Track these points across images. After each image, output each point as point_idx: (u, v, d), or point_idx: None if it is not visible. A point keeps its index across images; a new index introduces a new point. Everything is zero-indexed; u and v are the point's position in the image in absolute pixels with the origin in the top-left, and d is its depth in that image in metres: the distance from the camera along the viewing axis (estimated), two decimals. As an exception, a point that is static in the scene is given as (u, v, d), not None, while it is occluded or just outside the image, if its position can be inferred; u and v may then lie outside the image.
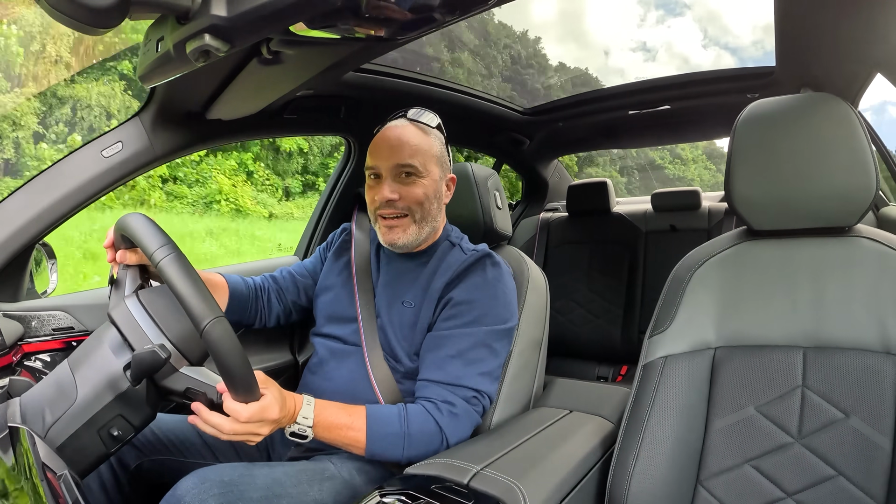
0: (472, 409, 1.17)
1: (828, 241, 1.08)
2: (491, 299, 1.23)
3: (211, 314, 0.83)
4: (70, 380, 0.90)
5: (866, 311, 1.00)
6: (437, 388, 1.17)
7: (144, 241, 0.89)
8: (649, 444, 1.04)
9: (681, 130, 2.87)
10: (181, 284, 0.85)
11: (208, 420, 0.92)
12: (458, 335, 1.20)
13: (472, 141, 2.73)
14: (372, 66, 1.68)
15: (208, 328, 0.83)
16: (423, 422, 1.13)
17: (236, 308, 1.36)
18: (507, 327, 1.25)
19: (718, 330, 1.09)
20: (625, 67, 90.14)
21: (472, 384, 1.18)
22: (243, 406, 0.91)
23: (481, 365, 1.20)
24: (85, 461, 0.90)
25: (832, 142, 1.03)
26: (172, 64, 0.78)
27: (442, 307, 1.24)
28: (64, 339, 1.39)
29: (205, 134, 1.50)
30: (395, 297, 1.32)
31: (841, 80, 1.63)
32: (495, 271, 1.27)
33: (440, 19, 1.09)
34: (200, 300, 0.84)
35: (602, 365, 2.72)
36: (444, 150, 1.34)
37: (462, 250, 1.32)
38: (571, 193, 2.96)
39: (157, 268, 0.87)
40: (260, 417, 0.92)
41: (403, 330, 1.27)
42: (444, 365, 1.19)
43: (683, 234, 2.72)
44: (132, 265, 1.02)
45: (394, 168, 1.25)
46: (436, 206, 1.30)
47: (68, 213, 1.31)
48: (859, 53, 1.37)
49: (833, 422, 0.97)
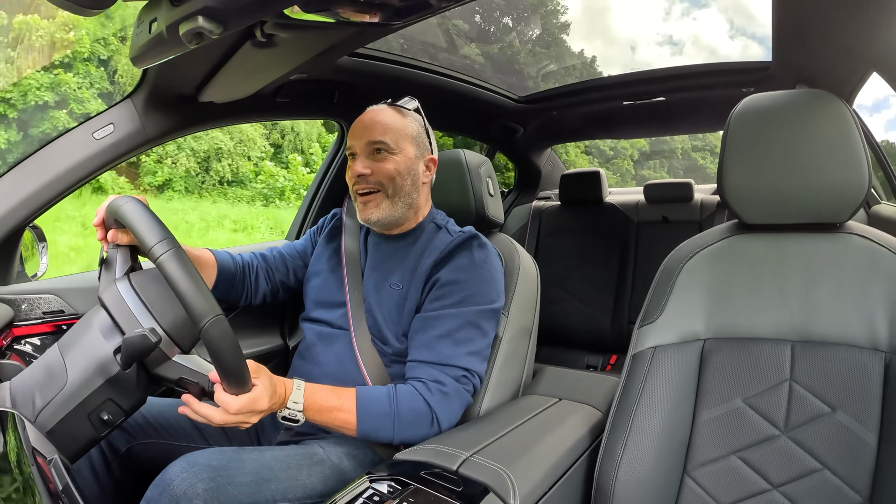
0: (462, 388, 1.18)
1: (819, 236, 1.09)
2: (478, 280, 1.24)
3: (211, 312, 0.84)
4: (60, 364, 0.90)
5: (855, 308, 1.01)
6: (427, 367, 1.18)
7: (142, 233, 0.88)
8: (637, 433, 1.05)
9: (675, 122, 2.88)
10: (181, 281, 0.84)
11: (198, 411, 0.94)
12: (446, 315, 1.21)
13: (465, 128, 2.72)
14: (366, 50, 1.67)
15: (208, 327, 0.83)
16: (413, 401, 1.13)
17: (223, 285, 1.36)
18: (494, 307, 1.25)
19: (708, 322, 1.10)
20: (652, 62, 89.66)
21: (462, 363, 1.18)
22: (234, 398, 0.92)
23: (470, 344, 1.20)
24: (75, 445, 0.90)
25: (826, 138, 1.03)
26: (165, 46, 0.77)
27: (429, 288, 1.25)
28: (54, 322, 1.38)
29: (197, 116, 1.49)
30: (382, 279, 1.32)
31: (837, 77, 1.63)
32: (482, 252, 1.28)
33: (435, 5, 1.08)
34: (200, 298, 0.84)
35: (591, 354, 2.74)
36: (421, 131, 1.36)
37: (448, 232, 1.33)
38: (564, 182, 2.96)
39: (156, 263, 0.85)
40: (249, 409, 0.94)
41: (391, 312, 1.28)
42: (432, 345, 1.19)
43: (675, 225, 2.73)
44: (123, 245, 1.01)
45: (366, 145, 1.29)
46: (409, 182, 1.31)
47: (59, 196, 1.30)
48: (856, 52, 1.37)
49: (820, 416, 0.98)
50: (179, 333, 0.95)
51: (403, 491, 0.88)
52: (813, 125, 1.04)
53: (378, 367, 1.27)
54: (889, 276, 0.99)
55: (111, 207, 0.96)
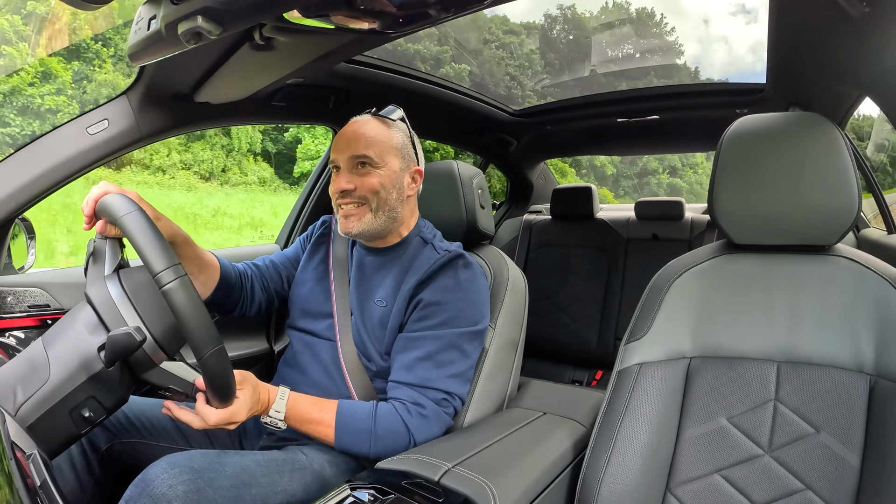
0: (441, 410, 1.18)
1: (807, 258, 1.09)
2: (462, 301, 1.23)
3: (212, 344, 0.86)
4: (43, 358, 0.89)
5: (841, 330, 1.01)
6: (407, 389, 1.18)
7: (149, 256, 0.86)
8: (621, 449, 1.05)
9: (668, 141, 2.90)
10: (188, 313, 0.84)
11: (179, 416, 0.98)
12: (428, 337, 1.21)
13: (459, 139, 2.73)
14: (363, 58, 1.67)
15: (208, 357, 0.86)
16: (392, 422, 1.14)
17: (222, 290, 1.34)
18: (478, 329, 1.25)
19: (694, 340, 1.11)
20: (727, 34, 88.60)
21: (442, 386, 1.18)
22: (213, 411, 0.96)
23: (451, 367, 1.20)
24: (55, 441, 0.89)
25: (817, 161, 1.04)
26: (163, 44, 0.77)
27: (413, 308, 1.24)
28: (39, 316, 1.37)
29: (192, 116, 1.48)
30: (367, 295, 1.31)
31: (829, 100, 1.65)
32: (467, 272, 1.27)
33: (435, 16, 1.09)
34: (204, 328, 0.86)
35: (577, 369, 2.74)
36: (406, 142, 1.33)
37: (434, 249, 1.31)
38: (556, 197, 2.97)
39: (163, 291, 0.84)
40: (228, 420, 0.98)
41: (374, 329, 1.27)
42: (413, 367, 1.19)
43: (665, 243, 2.74)
44: (112, 237, 1.00)
45: (350, 159, 1.26)
46: (395, 196, 1.29)
47: (49, 189, 1.29)
48: (849, 76, 1.38)
49: (803, 436, 0.98)
50: (166, 338, 0.94)
51: (384, 500, 0.87)
52: (804, 148, 1.05)
53: (364, 379, 1.26)
54: (875, 300, 1.01)
55: (108, 209, 0.93)
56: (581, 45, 29.16)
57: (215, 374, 0.90)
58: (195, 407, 0.97)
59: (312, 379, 1.29)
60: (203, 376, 0.92)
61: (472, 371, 1.26)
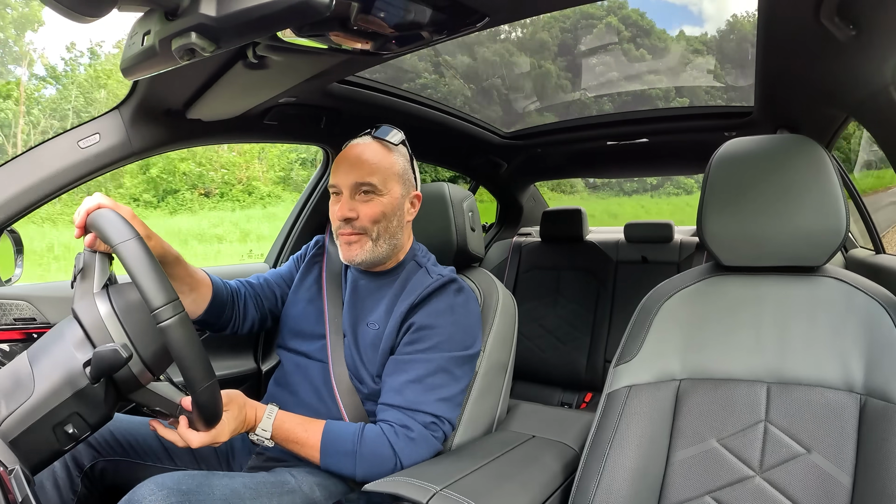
0: (430, 434, 1.17)
1: (796, 279, 1.10)
2: (453, 325, 1.23)
3: (207, 380, 0.88)
4: (28, 372, 0.88)
5: (830, 350, 1.02)
6: (396, 412, 1.17)
7: (147, 290, 0.85)
8: (610, 472, 1.04)
9: (658, 164, 2.93)
10: (185, 351, 0.85)
11: (165, 436, 0.99)
12: (418, 360, 1.20)
13: (450, 161, 2.74)
14: (356, 78, 1.68)
15: (201, 392, 0.88)
16: (378, 444, 1.13)
17: (215, 308, 1.31)
18: (469, 353, 1.24)
19: (684, 362, 1.11)
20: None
21: (431, 409, 1.17)
22: (196, 435, 0.98)
23: (441, 391, 1.19)
24: (38, 457, 0.88)
25: (804, 183, 1.05)
26: (157, 59, 0.77)
27: (405, 331, 1.23)
28: (25, 329, 1.36)
29: (183, 133, 1.48)
30: (360, 317, 1.31)
31: (816, 123, 1.67)
32: (459, 297, 1.27)
33: (427, 38, 1.10)
34: (200, 366, 0.87)
35: (566, 391, 2.73)
36: (407, 167, 1.32)
37: (428, 273, 1.30)
38: (546, 219, 2.98)
39: (161, 328, 0.84)
40: (211, 442, 0.99)
41: (367, 352, 1.26)
42: (403, 390, 1.18)
43: (654, 265, 2.75)
44: (101, 251, 0.99)
45: (353, 186, 1.25)
46: (395, 223, 1.28)
47: (39, 202, 1.28)
48: (836, 98, 1.41)
49: (794, 457, 0.98)
50: (153, 359, 0.93)
51: (372, 522, 0.86)
52: (792, 170, 1.07)
53: (355, 401, 1.25)
54: (864, 319, 1.01)
55: (102, 231, 0.91)
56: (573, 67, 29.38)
57: (206, 406, 0.91)
58: (178, 430, 0.98)
59: (303, 400, 1.27)
60: (193, 407, 0.92)
61: (463, 395, 1.25)
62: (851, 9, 0.94)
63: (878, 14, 0.93)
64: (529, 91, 4.78)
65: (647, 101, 5.21)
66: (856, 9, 0.93)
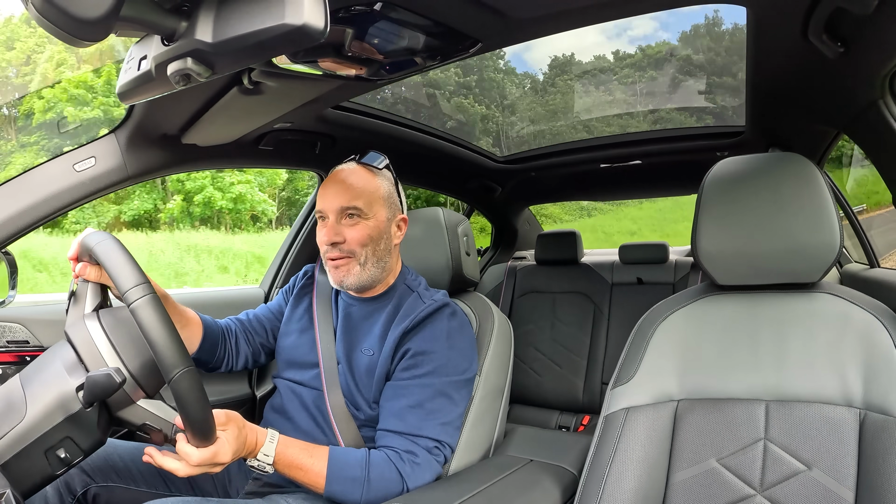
0: (433, 459, 1.16)
1: (791, 296, 1.11)
2: (449, 350, 1.23)
3: (182, 364, 0.83)
4: (20, 396, 0.87)
5: (828, 365, 1.02)
6: (398, 438, 1.16)
7: (117, 275, 0.86)
8: (610, 495, 1.03)
9: (651, 185, 2.95)
10: (154, 330, 0.83)
11: (162, 464, 0.93)
12: (417, 385, 1.20)
13: (444, 185, 2.75)
14: (350, 104, 1.70)
15: (178, 378, 0.83)
16: (385, 470, 1.11)
17: (206, 350, 1.32)
18: (465, 378, 1.25)
19: (681, 383, 1.10)
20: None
21: (434, 434, 1.17)
22: (195, 451, 0.91)
23: (441, 415, 1.19)
24: (29, 481, 0.86)
25: (797, 200, 1.06)
26: (153, 84, 0.77)
27: (400, 357, 1.23)
28: (17, 353, 1.34)
29: (179, 158, 1.49)
30: (354, 344, 1.30)
31: (807, 140, 1.69)
32: (454, 321, 1.27)
33: (421, 63, 1.12)
34: (172, 348, 0.83)
35: (564, 414, 2.71)
36: (392, 190, 1.34)
37: (420, 298, 1.31)
38: (541, 242, 2.99)
39: (131, 308, 0.84)
40: (211, 461, 0.93)
41: (362, 378, 1.26)
42: (404, 415, 1.17)
43: (649, 286, 2.75)
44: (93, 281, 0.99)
45: (338, 210, 1.26)
46: (383, 246, 1.29)
47: (33, 225, 1.27)
48: (826, 115, 1.42)
49: (795, 474, 0.97)
50: (145, 377, 0.93)
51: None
52: (785, 188, 1.08)
53: (352, 428, 1.24)
54: (861, 334, 1.01)
55: (85, 243, 0.94)
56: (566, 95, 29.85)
57: (189, 400, 0.85)
58: (176, 448, 0.93)
59: (300, 426, 1.27)
60: (178, 406, 0.87)
61: (462, 419, 1.25)
62: (839, 26, 0.95)
63: (865, 31, 0.95)
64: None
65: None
66: (843, 26, 0.95)
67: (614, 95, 8.93)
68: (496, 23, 1.00)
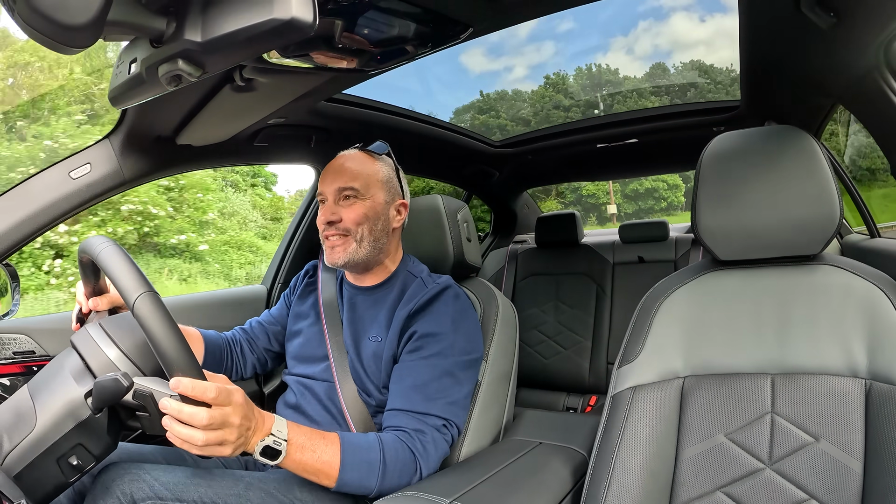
0: (441, 437, 1.16)
1: (793, 269, 1.11)
2: (454, 332, 1.24)
3: (141, 288, 0.83)
4: (29, 406, 0.88)
5: (832, 337, 1.02)
6: (407, 417, 1.16)
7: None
8: (620, 473, 1.04)
9: (648, 163, 2.95)
10: (113, 261, 0.85)
11: (179, 432, 0.86)
12: (423, 366, 1.20)
13: (441, 173, 2.75)
14: (343, 96, 1.69)
15: (137, 303, 0.83)
16: (399, 450, 1.10)
17: (212, 361, 1.35)
18: (472, 358, 1.25)
19: (686, 359, 1.10)
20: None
21: (441, 413, 1.17)
22: (202, 410, 0.85)
23: (448, 395, 1.19)
24: (42, 490, 0.87)
25: (796, 173, 1.06)
26: (144, 87, 0.77)
27: (406, 339, 1.24)
28: (24, 363, 1.35)
29: (174, 159, 1.48)
30: (361, 332, 1.31)
31: (804, 112, 1.68)
32: (458, 303, 1.28)
33: (412, 52, 1.11)
34: (131, 272, 0.85)
35: (571, 396, 2.72)
36: (392, 175, 1.36)
37: (424, 283, 1.32)
38: (540, 225, 2.99)
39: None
40: (222, 421, 0.88)
41: (370, 365, 1.27)
42: (410, 395, 1.18)
43: (651, 265, 2.75)
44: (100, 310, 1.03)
45: (336, 191, 1.29)
46: (380, 227, 1.31)
47: (33, 234, 1.28)
48: (821, 86, 1.42)
49: (803, 446, 0.98)
50: (142, 358, 0.93)
51: (383, 539, 0.85)
52: (783, 161, 1.07)
53: (364, 418, 1.25)
54: (864, 304, 1.02)
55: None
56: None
57: (152, 327, 0.82)
58: (181, 414, 0.85)
59: (314, 419, 1.28)
60: (145, 333, 0.83)
61: (468, 400, 1.25)
62: None
63: (856, 0, 0.94)
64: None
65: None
66: None
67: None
68: (487, 7, 0.99)
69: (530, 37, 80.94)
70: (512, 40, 79.65)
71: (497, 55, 77.94)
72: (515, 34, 78.02)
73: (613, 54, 77.23)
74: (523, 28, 73.70)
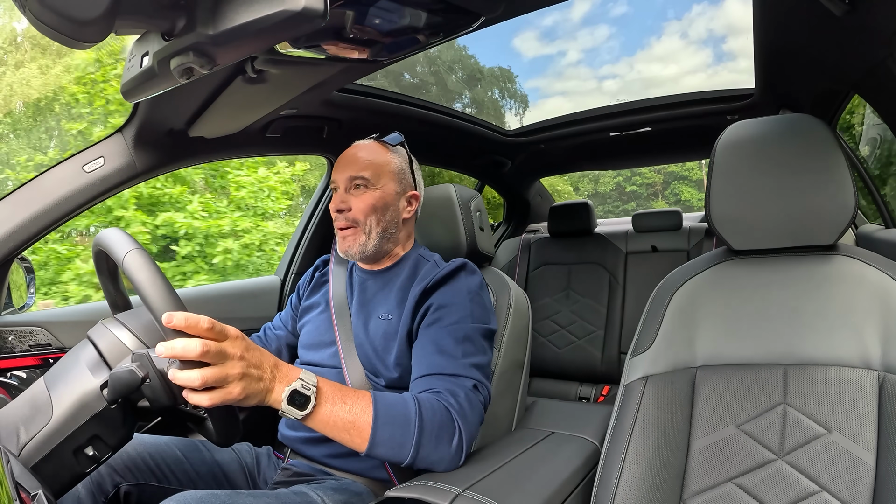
0: (476, 398, 1.10)
1: (807, 258, 1.10)
2: (471, 303, 1.22)
3: (129, 246, 0.86)
4: (46, 398, 0.89)
5: (845, 328, 1.01)
6: (436, 379, 1.10)
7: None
8: (632, 463, 1.04)
9: (662, 152, 2.92)
10: (141, 279, 0.84)
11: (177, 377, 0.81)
12: (444, 333, 1.17)
13: (454, 162, 2.75)
14: (355, 86, 1.69)
15: (127, 259, 0.85)
16: (435, 408, 1.03)
17: None
18: (490, 328, 1.23)
19: (699, 349, 1.10)
20: None
21: (470, 374, 1.12)
22: (192, 342, 0.79)
23: (473, 358, 1.15)
24: (60, 481, 0.88)
25: (811, 162, 1.05)
26: (156, 80, 0.77)
27: (423, 314, 1.22)
28: (41, 355, 1.37)
29: (187, 151, 1.49)
30: (370, 313, 1.32)
31: (818, 100, 1.66)
32: (473, 278, 1.28)
33: (423, 41, 1.11)
34: (121, 239, 0.87)
35: (584, 385, 2.72)
36: (405, 166, 1.36)
37: (436, 264, 1.33)
38: (553, 214, 2.98)
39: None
40: (217, 349, 0.82)
41: (380, 343, 1.26)
42: (436, 360, 1.13)
43: (664, 254, 2.74)
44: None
45: (347, 180, 1.30)
46: (389, 217, 1.31)
47: (48, 228, 1.29)
48: (836, 75, 1.40)
49: (815, 437, 0.97)
50: (148, 336, 0.94)
51: (395, 528, 0.86)
52: (797, 150, 1.06)
53: None
54: (878, 295, 1.00)
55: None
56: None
57: (141, 279, 0.82)
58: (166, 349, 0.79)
59: None
60: (137, 290, 0.82)
61: (490, 367, 1.22)
62: None
63: None
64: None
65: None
66: None
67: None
68: None
69: (584, 20, 79.89)
70: (566, 24, 78.32)
71: (551, 39, 77.00)
72: (569, 18, 77.08)
73: (668, 38, 76.23)
74: (577, 11, 72.61)
